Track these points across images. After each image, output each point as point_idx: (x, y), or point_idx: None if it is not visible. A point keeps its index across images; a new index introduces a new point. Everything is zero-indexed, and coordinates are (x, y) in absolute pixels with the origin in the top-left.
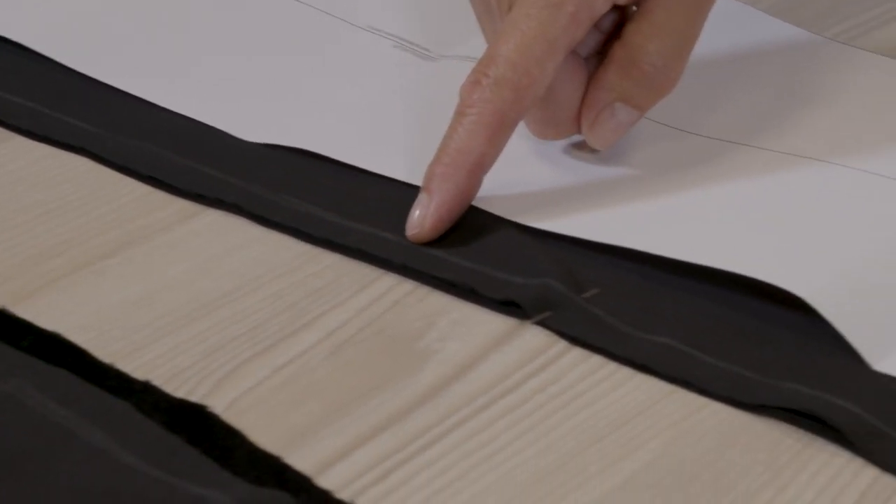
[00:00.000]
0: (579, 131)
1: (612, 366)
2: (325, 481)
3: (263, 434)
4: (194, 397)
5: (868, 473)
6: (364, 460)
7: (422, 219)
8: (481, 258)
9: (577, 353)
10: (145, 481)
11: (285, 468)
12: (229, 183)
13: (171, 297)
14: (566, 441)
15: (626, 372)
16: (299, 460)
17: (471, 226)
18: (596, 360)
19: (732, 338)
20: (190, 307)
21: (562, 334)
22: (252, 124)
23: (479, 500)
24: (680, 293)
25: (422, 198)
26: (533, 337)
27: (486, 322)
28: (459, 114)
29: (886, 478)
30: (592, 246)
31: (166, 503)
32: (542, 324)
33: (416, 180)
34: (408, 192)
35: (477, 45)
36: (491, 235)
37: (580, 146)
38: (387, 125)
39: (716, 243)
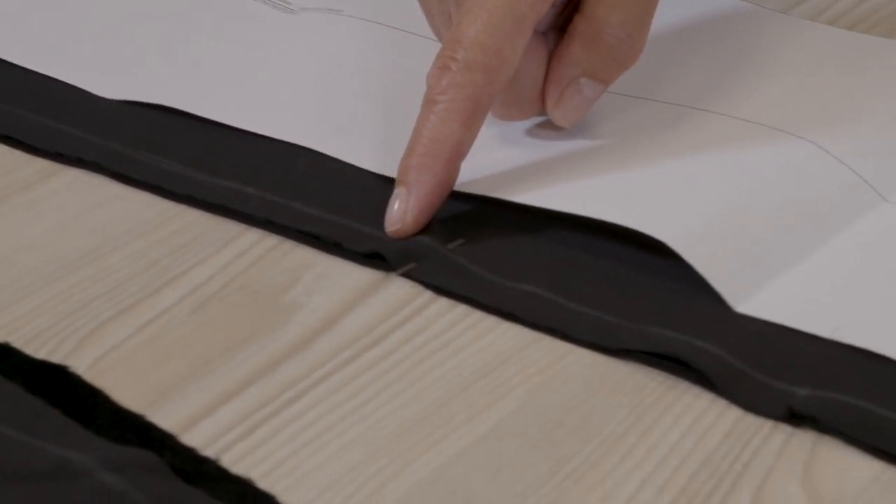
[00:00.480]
0: (543, 110)
1: (477, 315)
2: (190, 438)
3: (127, 393)
4: (56, 358)
5: (731, 414)
6: (229, 416)
7: (402, 213)
8: (345, 211)
9: (443, 303)
10: (6, 444)
11: (149, 426)
12: (89, 141)
13: (32, 257)
14: (432, 391)
15: (491, 320)
16: (164, 418)
17: (335, 178)
18: (461, 309)
19: (597, 284)
20: (51, 267)
21: (427, 285)
22: (110, 81)
23: (345, 452)
24: (545, 242)
25: (399, 192)
26: (398, 289)
27: (351, 275)
28: (430, 101)
29: (750, 418)
30: (458, 196)
31: (28, 465)
32: (408, 275)
33: (277, 133)
34: (270, 146)
35: None
36: (355, 188)
37: (543, 125)
38: (247, 79)
39: (586, 193)
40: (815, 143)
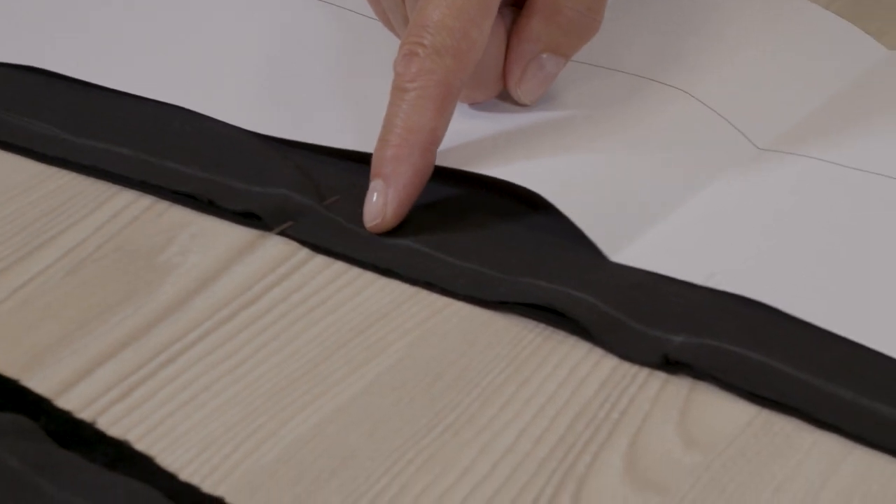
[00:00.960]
0: (506, 88)
1: (354, 271)
2: (65, 402)
3: (0, 358)
4: None
5: (608, 363)
6: (105, 378)
7: (382, 206)
8: (219, 169)
9: (320, 260)
10: None
11: (24, 391)
12: None
13: None
14: (310, 349)
15: (368, 277)
16: (39, 382)
17: (210, 137)
18: (338, 266)
19: (474, 238)
20: None
21: (303, 243)
22: None
23: (223, 412)
24: (422, 197)
25: (376, 184)
26: (274, 247)
27: (227, 234)
28: (399, 89)
29: (626, 366)
30: (332, 152)
31: None
32: (284, 233)
33: (150, 94)
34: (143, 107)
35: None
36: (229, 145)
37: (504, 97)
38: (121, 41)
39: (461, 147)
40: (688, 92)
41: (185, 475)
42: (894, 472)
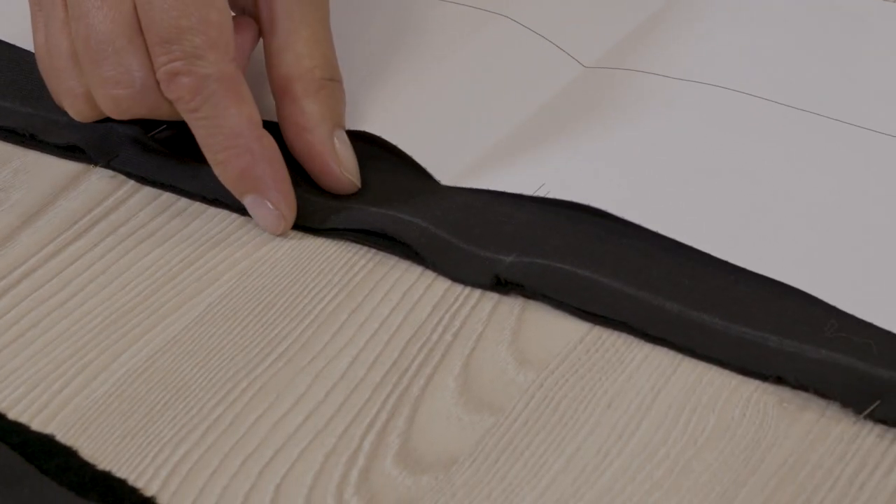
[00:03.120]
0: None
1: (182, 203)
2: None
3: None
4: None
5: (440, 286)
6: None
7: (276, 216)
8: (40, 103)
9: (147, 192)
10: None
11: None
12: None
13: None
14: (140, 281)
15: (197, 207)
16: None
17: (30, 71)
18: (166, 198)
19: (299, 167)
20: None
21: (129, 175)
22: None
23: (52, 348)
24: None
25: (253, 200)
26: (100, 180)
27: (51, 168)
28: (191, 112)
29: (458, 288)
30: None
31: None
32: (109, 166)
33: None
34: None
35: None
36: None
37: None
38: None
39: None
40: (511, 17)
41: (13, 414)
42: (723, 382)
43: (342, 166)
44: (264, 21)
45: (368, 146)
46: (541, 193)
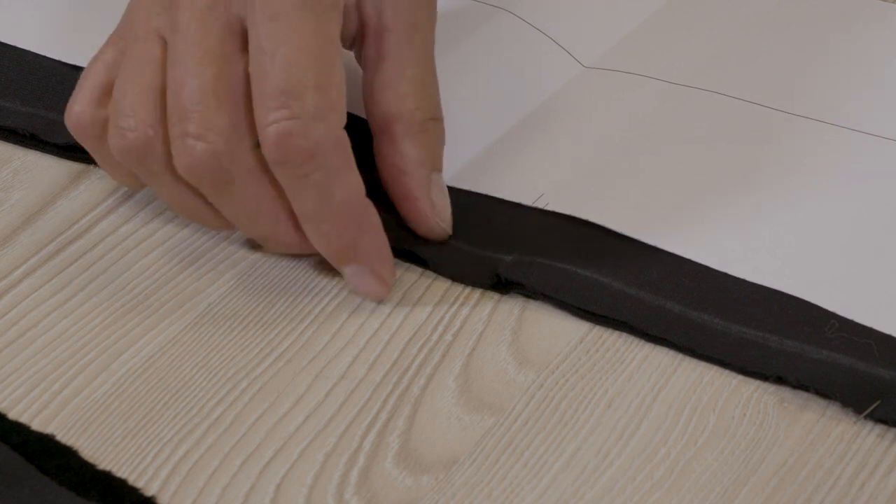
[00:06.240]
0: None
1: None
2: None
3: None
4: None
5: (440, 286)
6: None
7: (379, 285)
8: (41, 103)
9: (147, 192)
10: None
11: None
12: None
13: None
14: (140, 281)
15: None
16: None
17: (28, 70)
18: None
19: None
20: None
21: None
22: None
23: (53, 348)
24: None
25: (357, 270)
26: (100, 180)
27: (51, 168)
28: (298, 177)
29: (458, 288)
30: None
31: None
32: None
33: None
34: None
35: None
36: (51, 79)
37: None
38: None
39: None
40: (514, 13)
41: (13, 414)
42: (723, 382)
43: (436, 213)
44: (370, 58)
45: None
46: (539, 205)
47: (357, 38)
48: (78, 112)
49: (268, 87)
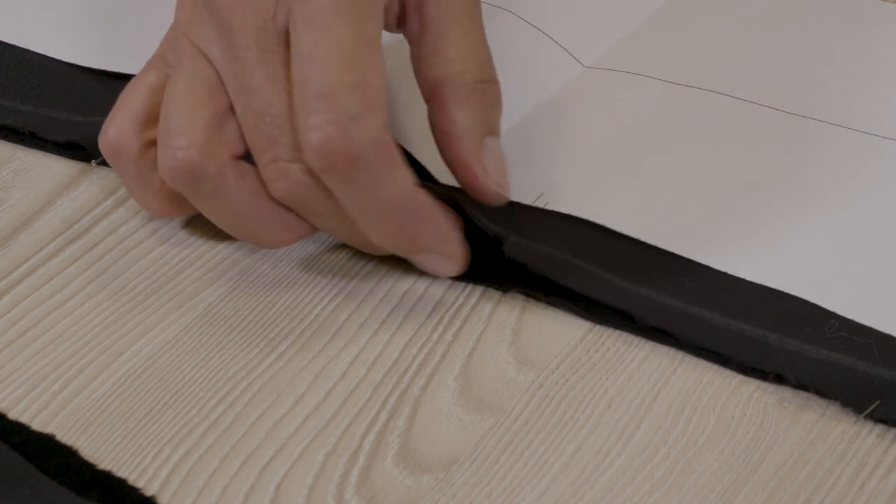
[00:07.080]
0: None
1: None
2: None
3: None
4: None
5: (440, 285)
6: None
7: (450, 266)
8: (40, 101)
9: None
10: None
11: None
12: None
13: None
14: (140, 281)
15: None
16: None
17: (29, 69)
18: None
19: None
20: None
21: None
22: None
23: (53, 348)
24: None
25: (428, 259)
26: (100, 180)
27: (51, 168)
28: (346, 182)
29: (458, 288)
30: None
31: None
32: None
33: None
34: None
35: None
36: (48, 75)
37: None
38: None
39: None
40: (515, 13)
41: (13, 414)
42: (723, 382)
43: (489, 178)
44: (413, 30)
45: None
46: (539, 204)
47: (401, 19)
48: (115, 133)
49: (306, 91)
